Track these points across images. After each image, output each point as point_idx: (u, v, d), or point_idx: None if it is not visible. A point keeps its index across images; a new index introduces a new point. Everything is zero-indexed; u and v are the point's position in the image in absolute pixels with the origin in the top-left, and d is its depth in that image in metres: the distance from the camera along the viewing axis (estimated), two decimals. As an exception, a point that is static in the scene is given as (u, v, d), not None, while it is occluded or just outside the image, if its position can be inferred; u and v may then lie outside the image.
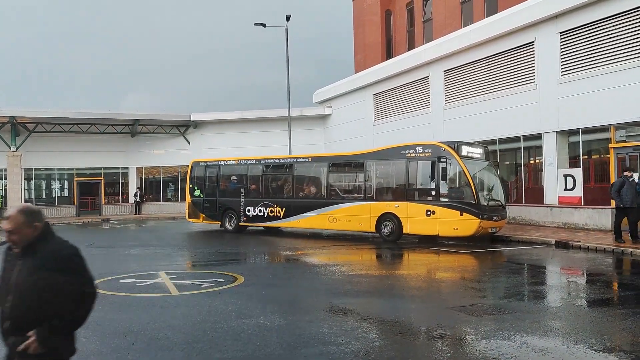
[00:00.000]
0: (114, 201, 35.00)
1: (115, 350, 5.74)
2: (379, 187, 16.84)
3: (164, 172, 35.73)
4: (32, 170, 32.85)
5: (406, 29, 34.32)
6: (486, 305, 7.71)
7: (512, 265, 11.95)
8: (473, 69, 21.39)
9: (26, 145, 31.00)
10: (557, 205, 17.47)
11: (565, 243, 14.04)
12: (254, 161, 20.41)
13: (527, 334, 6.10)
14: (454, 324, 6.62)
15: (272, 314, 7.15)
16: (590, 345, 5.70)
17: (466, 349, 5.73)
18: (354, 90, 29.87)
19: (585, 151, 17.57)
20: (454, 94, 22.50)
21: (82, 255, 3.16)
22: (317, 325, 6.57)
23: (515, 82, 19.33)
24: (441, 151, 15.03)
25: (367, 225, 16.56)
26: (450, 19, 28.98)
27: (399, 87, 26.15)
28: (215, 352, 5.63)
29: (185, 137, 34.78)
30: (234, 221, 20.20)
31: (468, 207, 14.55)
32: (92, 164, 33.81)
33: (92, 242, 18.08)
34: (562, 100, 17.32)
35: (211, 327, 6.57)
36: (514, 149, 20.03)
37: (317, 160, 18.98)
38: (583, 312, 7.51)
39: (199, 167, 21.90)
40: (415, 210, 15.44)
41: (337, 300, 8.08)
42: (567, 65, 17.28)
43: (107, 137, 33.80)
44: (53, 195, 34.79)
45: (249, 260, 13.83)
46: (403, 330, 6.46)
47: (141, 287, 9.27)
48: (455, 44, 21.91)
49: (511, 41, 19.35)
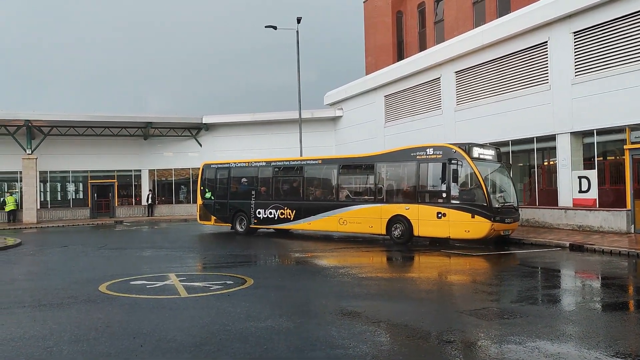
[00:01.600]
0: (127, 203, 35.28)
1: (124, 351, 5.74)
2: (390, 189, 16.76)
3: (176, 175, 35.94)
4: (47, 172, 33.23)
5: (417, 30, 34.17)
6: (497, 309, 7.62)
7: (525, 269, 11.80)
8: (485, 70, 21.23)
9: (41, 148, 31.37)
10: (571, 208, 17.26)
11: (580, 246, 13.85)
12: (264, 163, 20.44)
13: (539, 338, 6.01)
14: (464, 328, 6.53)
15: (280, 317, 7.12)
16: (604, 350, 5.59)
17: (476, 353, 5.65)
18: (365, 92, 29.80)
19: (600, 152, 17.33)
20: (465, 95, 22.35)
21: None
22: (325, 329, 6.52)
23: (528, 82, 19.14)
24: (452, 153, 14.92)
25: (378, 227, 16.49)
26: (462, 19, 28.81)
27: (410, 88, 26.04)
28: (223, 354, 5.61)
29: (197, 139, 34.94)
30: (245, 223, 20.23)
31: (479, 210, 14.42)
32: (106, 166, 34.17)
33: (105, 244, 18.23)
34: (576, 101, 17.12)
35: (219, 329, 6.56)
36: (527, 150, 19.83)
37: (327, 163, 18.95)
38: (597, 317, 7.38)
39: (210, 169, 21.97)
40: (426, 213, 15.34)
41: (346, 303, 8.03)
42: (581, 66, 17.07)
43: (120, 140, 34.10)
44: (68, 198, 35.15)
45: (258, 263, 13.82)
46: (412, 334, 6.39)
47: (151, 289, 9.30)
48: (466, 45, 21.76)
49: (524, 41, 19.17)
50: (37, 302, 8.41)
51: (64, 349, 5.86)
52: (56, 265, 13.26)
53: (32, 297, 8.89)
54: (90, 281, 10.23)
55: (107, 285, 9.67)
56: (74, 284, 10.08)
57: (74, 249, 16.82)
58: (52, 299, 8.70)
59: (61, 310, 7.87)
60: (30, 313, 7.69)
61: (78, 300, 8.54)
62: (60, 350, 5.82)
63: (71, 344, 6.05)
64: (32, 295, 9.00)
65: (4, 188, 33.90)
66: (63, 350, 5.83)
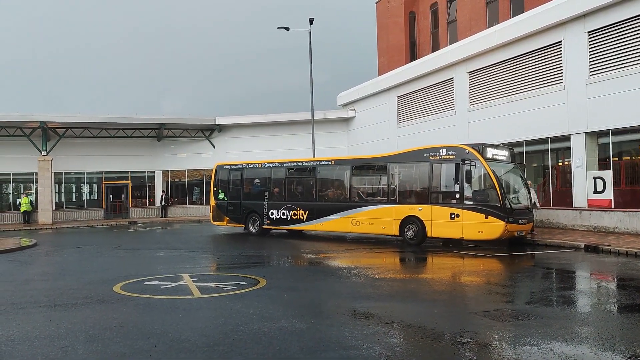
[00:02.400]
0: (140, 204, 35.57)
1: (138, 351, 5.78)
2: (402, 190, 16.70)
3: (189, 176, 36.15)
4: (62, 174, 33.64)
5: (430, 31, 34.04)
6: (511, 310, 7.55)
7: (539, 270, 11.70)
8: (498, 70, 21.08)
9: (56, 149, 31.74)
10: (586, 208, 17.07)
11: (595, 247, 13.69)
12: (277, 164, 20.47)
13: (554, 340, 5.95)
14: (478, 330, 6.49)
15: (293, 318, 7.13)
16: (620, 353, 5.52)
17: (490, 355, 5.61)
18: (378, 92, 29.74)
19: (616, 153, 17.12)
20: (479, 96, 22.21)
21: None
22: (338, 329, 6.52)
23: (543, 82, 18.98)
24: (465, 153, 14.84)
25: (391, 228, 16.44)
26: (475, 19, 28.64)
27: (422, 89, 25.94)
28: (236, 355, 5.62)
29: (210, 140, 35.12)
30: (258, 224, 20.29)
31: (493, 210, 14.32)
32: (120, 167, 34.48)
33: (119, 244, 18.38)
34: (591, 101, 16.93)
35: (232, 329, 6.58)
36: (542, 151, 19.65)
37: (340, 163, 18.93)
38: (612, 318, 7.29)
39: (223, 170, 22.07)
40: (439, 213, 15.26)
41: (359, 304, 8.01)
42: (596, 65, 16.89)
43: (134, 141, 34.38)
44: (82, 199, 35.52)
45: (271, 263, 13.85)
46: (425, 335, 6.36)
47: (165, 290, 9.36)
48: (480, 45, 21.63)
49: (538, 41, 19.01)
50: (52, 302, 8.51)
51: (79, 349, 5.92)
52: (71, 265, 13.40)
53: (47, 297, 8.99)
54: (104, 281, 10.32)
55: (121, 286, 9.75)
56: (88, 284, 10.18)
57: (89, 249, 16.99)
58: (67, 299, 8.79)
59: (76, 310, 7.96)
60: (45, 313, 7.77)
61: (93, 300, 8.62)
62: (75, 350, 5.88)
63: (86, 343, 6.11)
64: (48, 296, 9.11)
65: (19, 189, 34.34)
66: (78, 350, 5.89)
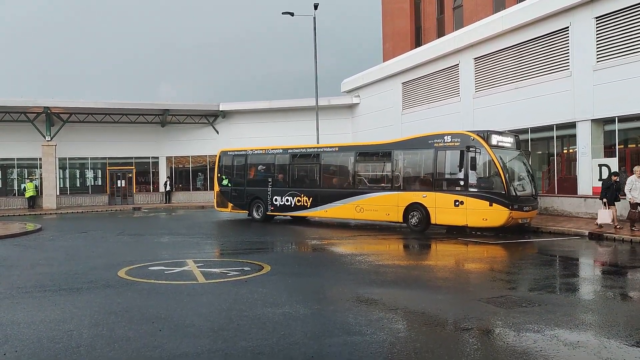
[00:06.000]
0: (145, 190, 35.65)
1: (143, 336, 5.81)
2: (407, 177, 16.66)
3: (193, 162, 36.18)
4: (66, 159, 33.70)
5: (436, 16, 33.73)
6: (515, 297, 7.55)
7: (543, 257, 11.68)
8: (504, 56, 20.90)
9: (60, 135, 31.77)
10: (591, 196, 17.00)
11: (599, 234, 13.66)
12: (281, 150, 20.44)
13: (558, 327, 5.95)
14: (481, 316, 6.49)
15: (297, 303, 7.14)
16: (624, 339, 5.52)
17: (494, 341, 5.62)
18: (382, 79, 29.57)
19: (622, 140, 17.02)
20: (484, 82, 22.06)
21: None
22: (342, 315, 6.53)
23: (549, 69, 18.81)
24: (470, 140, 14.77)
25: (395, 215, 16.44)
26: (481, 5, 28.34)
27: (428, 75, 25.77)
28: (240, 340, 5.64)
29: (214, 126, 35.07)
30: (262, 210, 20.31)
31: (497, 198, 14.28)
32: (124, 153, 34.53)
33: (123, 230, 18.45)
34: (598, 88, 16.79)
35: (237, 315, 6.60)
36: (547, 138, 19.54)
37: (344, 150, 18.89)
38: (616, 306, 7.28)
39: (227, 156, 22.05)
40: (443, 201, 15.24)
41: (362, 290, 8.02)
42: (603, 52, 16.72)
43: (138, 127, 34.36)
44: (87, 184, 35.62)
45: (275, 250, 13.88)
46: (429, 321, 6.37)
47: (169, 275, 9.39)
48: (486, 31, 21.43)
49: (545, 27, 18.81)
50: (57, 287, 8.55)
51: (84, 333, 5.95)
52: (76, 250, 13.46)
53: (52, 281, 9.04)
54: (109, 266, 10.37)
55: (125, 271, 9.79)
56: (93, 269, 10.23)
57: (93, 234, 17.06)
58: (72, 283, 8.84)
59: (81, 294, 8.00)
60: (50, 297, 7.82)
61: (97, 285, 8.66)
62: (81, 334, 5.91)
63: (91, 327, 6.15)
64: (53, 280, 9.16)
65: (24, 174, 34.47)
66: (83, 334, 5.92)
